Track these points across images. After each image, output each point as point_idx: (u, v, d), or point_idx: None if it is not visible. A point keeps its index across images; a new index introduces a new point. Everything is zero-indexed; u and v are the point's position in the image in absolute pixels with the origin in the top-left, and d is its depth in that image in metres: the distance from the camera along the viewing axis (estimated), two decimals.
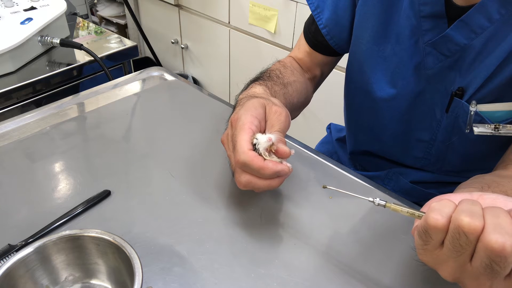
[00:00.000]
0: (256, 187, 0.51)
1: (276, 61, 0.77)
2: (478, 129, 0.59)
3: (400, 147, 0.75)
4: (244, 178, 0.50)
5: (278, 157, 0.50)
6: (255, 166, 0.48)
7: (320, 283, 0.48)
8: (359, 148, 0.85)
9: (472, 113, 0.60)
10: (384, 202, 0.44)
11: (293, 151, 0.51)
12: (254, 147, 0.50)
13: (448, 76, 0.63)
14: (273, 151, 0.50)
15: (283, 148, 0.50)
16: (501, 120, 0.59)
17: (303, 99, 0.77)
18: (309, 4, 0.74)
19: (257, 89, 0.63)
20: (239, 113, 0.53)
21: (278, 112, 0.54)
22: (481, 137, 0.61)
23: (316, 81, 0.83)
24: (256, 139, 0.50)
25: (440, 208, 0.38)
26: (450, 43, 0.60)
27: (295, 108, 0.75)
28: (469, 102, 0.61)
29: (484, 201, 0.39)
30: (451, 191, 0.45)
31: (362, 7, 0.68)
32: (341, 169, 0.65)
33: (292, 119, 0.73)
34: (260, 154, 0.49)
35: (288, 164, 0.51)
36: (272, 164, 0.48)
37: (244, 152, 0.48)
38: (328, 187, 0.49)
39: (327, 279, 0.49)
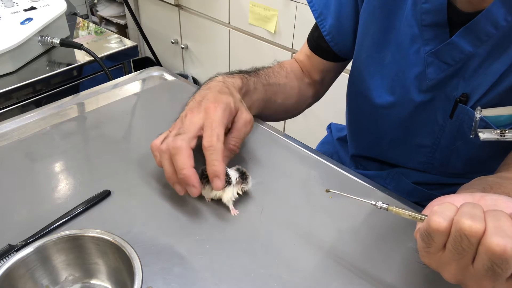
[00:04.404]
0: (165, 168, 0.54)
1: (276, 62, 0.77)
2: (483, 135, 0.58)
3: (401, 152, 0.75)
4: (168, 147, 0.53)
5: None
6: (185, 158, 0.51)
7: (320, 283, 0.48)
8: (360, 153, 0.84)
9: (477, 119, 0.59)
10: (386, 206, 0.44)
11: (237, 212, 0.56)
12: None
13: (450, 84, 0.62)
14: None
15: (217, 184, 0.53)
16: (506, 124, 0.58)
17: (293, 103, 0.78)
18: (312, 12, 0.74)
19: (236, 80, 0.64)
20: (216, 100, 0.56)
21: (247, 120, 0.59)
22: (486, 141, 0.60)
23: (317, 88, 0.83)
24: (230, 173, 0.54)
25: (442, 211, 0.38)
26: (455, 50, 0.59)
27: (282, 110, 0.77)
28: (473, 107, 0.60)
29: (485, 202, 0.39)
30: (453, 192, 0.45)
31: (364, 13, 0.67)
32: (342, 169, 0.65)
33: (280, 120, 0.77)
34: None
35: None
36: (195, 176, 0.51)
37: (219, 141, 0.52)
38: (331, 190, 0.49)
39: (328, 279, 0.49)
